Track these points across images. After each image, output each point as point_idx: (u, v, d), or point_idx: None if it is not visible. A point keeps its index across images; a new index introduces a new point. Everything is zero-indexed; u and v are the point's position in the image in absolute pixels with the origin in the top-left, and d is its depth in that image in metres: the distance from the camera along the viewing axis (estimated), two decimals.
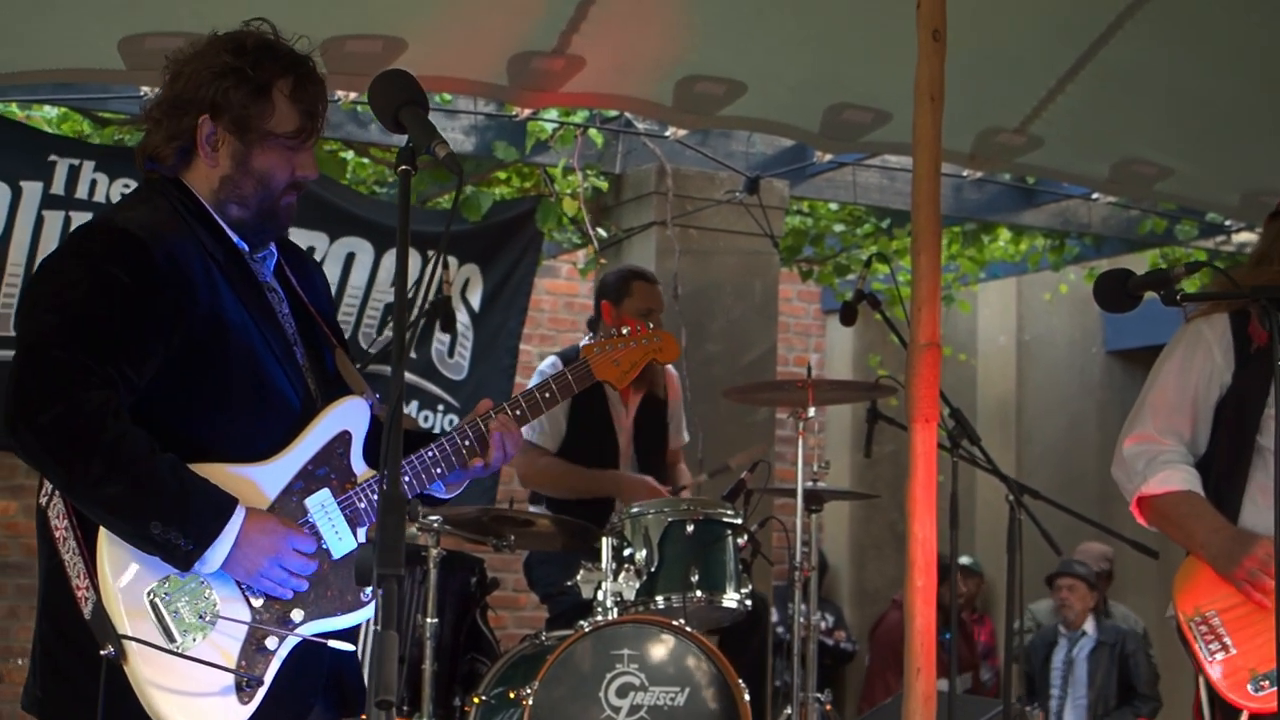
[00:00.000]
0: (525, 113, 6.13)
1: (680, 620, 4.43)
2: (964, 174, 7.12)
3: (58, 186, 5.76)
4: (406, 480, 2.77)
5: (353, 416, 2.76)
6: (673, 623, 4.40)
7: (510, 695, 4.26)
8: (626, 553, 4.66)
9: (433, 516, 4.52)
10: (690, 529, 4.68)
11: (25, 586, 7.83)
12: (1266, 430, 3.29)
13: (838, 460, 9.71)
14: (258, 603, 2.63)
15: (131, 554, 2.55)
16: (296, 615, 2.65)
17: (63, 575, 2.60)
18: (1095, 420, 9.84)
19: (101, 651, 2.50)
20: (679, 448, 5.90)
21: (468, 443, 2.83)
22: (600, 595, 4.56)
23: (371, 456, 2.77)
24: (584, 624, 4.38)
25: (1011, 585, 4.49)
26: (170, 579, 2.57)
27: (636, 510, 4.79)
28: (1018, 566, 4.48)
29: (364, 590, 2.67)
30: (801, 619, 4.96)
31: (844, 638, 9.73)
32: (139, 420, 2.55)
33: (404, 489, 2.72)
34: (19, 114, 6.27)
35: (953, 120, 3.57)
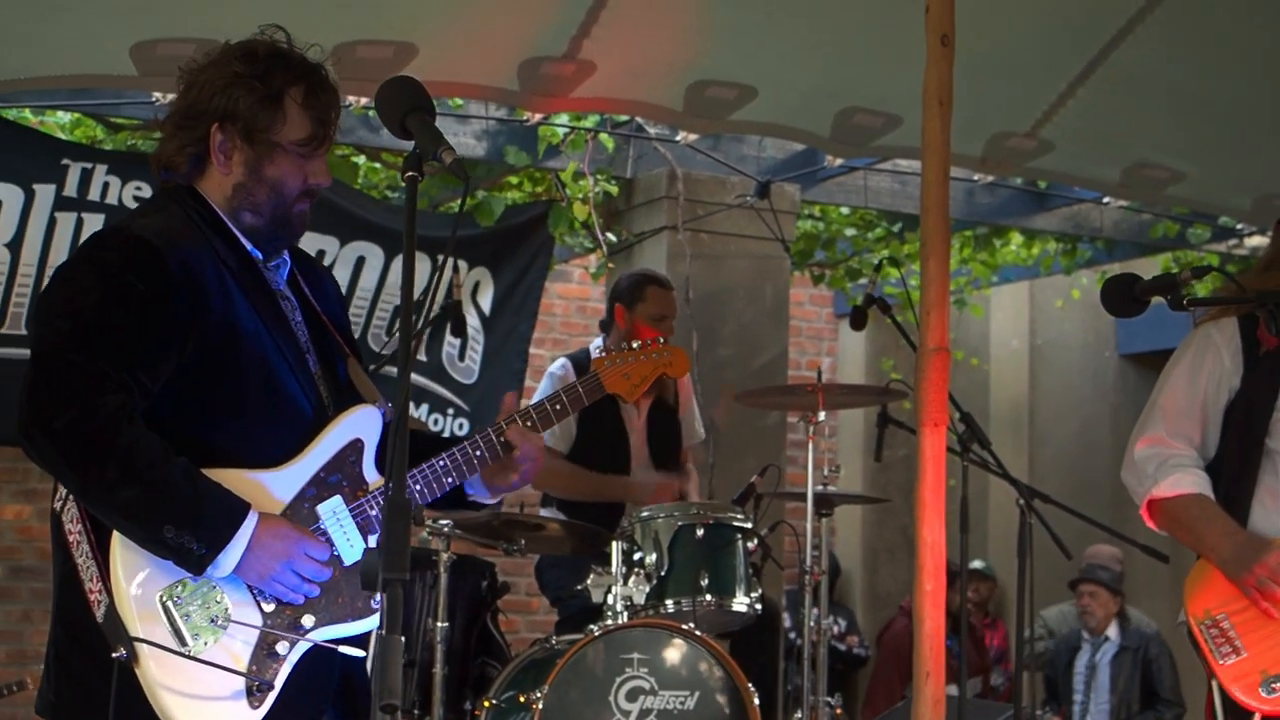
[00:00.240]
0: (536, 118, 6.14)
1: (690, 624, 4.44)
2: (975, 178, 7.11)
3: (70, 189, 5.78)
4: (417, 488, 2.78)
5: (365, 425, 2.77)
6: (683, 627, 4.41)
7: (520, 699, 4.26)
8: (636, 557, 4.67)
9: (443, 521, 4.53)
10: (700, 533, 4.69)
11: (39, 590, 7.85)
12: (1275, 433, 3.30)
13: (849, 464, 9.68)
14: (269, 607, 2.64)
15: (144, 558, 2.56)
16: (308, 621, 2.66)
17: (76, 579, 2.61)
18: (1108, 424, 9.80)
19: (113, 654, 2.51)
20: (693, 445, 5.91)
21: (479, 452, 2.84)
22: (610, 599, 4.57)
23: (383, 465, 2.77)
24: (594, 628, 4.39)
25: (1021, 590, 4.49)
26: (183, 583, 2.58)
27: (646, 514, 4.80)
28: (1028, 571, 4.48)
29: (375, 597, 2.67)
30: (812, 623, 4.96)
31: (856, 643, 9.70)
32: (152, 426, 2.56)
33: (412, 495, 2.74)
34: (32, 119, 6.29)
35: (964, 124, 3.57)
